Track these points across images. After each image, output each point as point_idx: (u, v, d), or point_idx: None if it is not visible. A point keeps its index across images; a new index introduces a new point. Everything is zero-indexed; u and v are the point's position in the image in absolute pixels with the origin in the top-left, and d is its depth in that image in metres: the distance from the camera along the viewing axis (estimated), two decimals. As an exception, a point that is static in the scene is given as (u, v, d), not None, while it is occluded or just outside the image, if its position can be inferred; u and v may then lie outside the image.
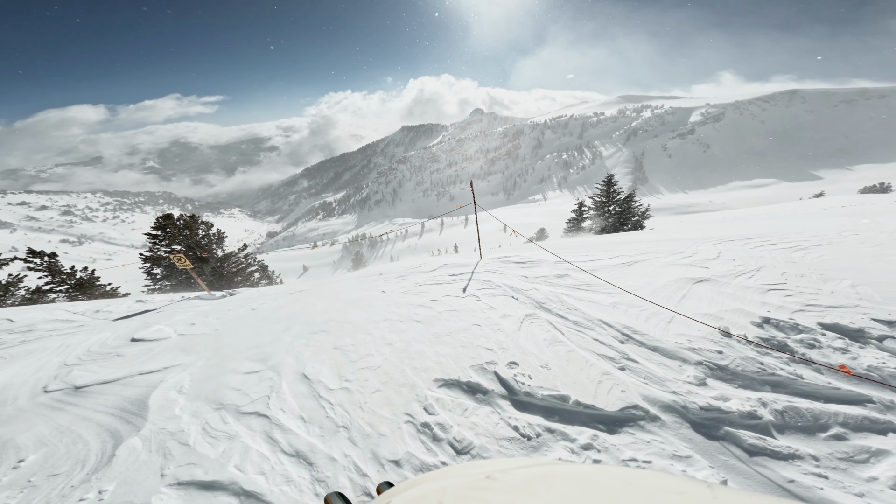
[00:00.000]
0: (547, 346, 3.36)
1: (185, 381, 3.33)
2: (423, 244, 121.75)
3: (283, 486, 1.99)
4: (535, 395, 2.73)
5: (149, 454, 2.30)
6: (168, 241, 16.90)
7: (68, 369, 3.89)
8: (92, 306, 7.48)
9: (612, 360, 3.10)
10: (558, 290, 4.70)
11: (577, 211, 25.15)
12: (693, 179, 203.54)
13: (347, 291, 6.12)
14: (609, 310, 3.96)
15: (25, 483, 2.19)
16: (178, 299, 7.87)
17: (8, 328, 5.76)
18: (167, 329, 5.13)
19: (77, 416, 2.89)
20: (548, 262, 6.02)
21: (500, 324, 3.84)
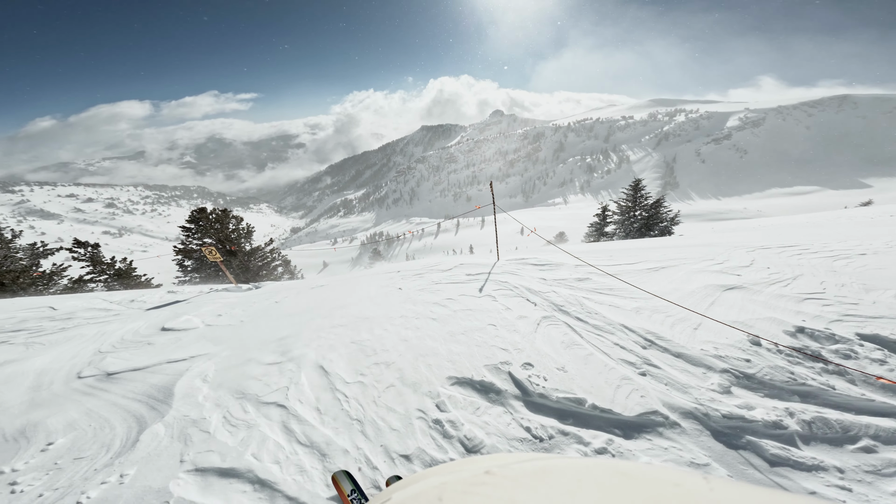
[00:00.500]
0: (564, 349, 3.32)
1: (209, 370, 3.45)
2: (438, 244, 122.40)
3: (297, 475, 2.04)
4: (550, 396, 2.70)
5: (170, 440, 2.39)
6: (200, 234, 17.64)
7: (102, 356, 4.10)
8: (127, 296, 7.88)
9: (633, 366, 3.04)
10: (578, 293, 4.63)
11: (601, 215, 24.60)
12: (728, 186, 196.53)
13: (365, 287, 6.21)
14: (632, 315, 3.88)
15: (52, 465, 2.29)
16: (206, 291, 8.19)
17: (49, 315, 6.13)
18: (195, 319, 5.34)
19: (106, 402, 3.02)
20: (568, 266, 5.93)
21: (516, 325, 3.82)
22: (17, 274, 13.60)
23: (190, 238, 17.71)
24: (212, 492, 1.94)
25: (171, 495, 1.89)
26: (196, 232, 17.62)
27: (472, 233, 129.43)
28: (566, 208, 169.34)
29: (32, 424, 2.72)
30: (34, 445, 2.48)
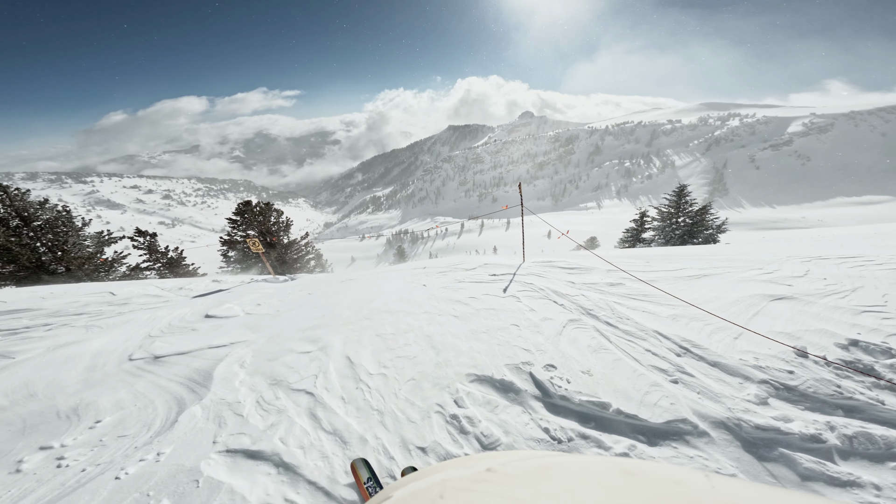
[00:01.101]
0: (590, 353, 3.27)
1: (247, 356, 3.66)
2: (461, 244, 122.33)
3: (319, 461, 2.14)
4: (572, 399, 2.67)
5: (206, 422, 2.55)
6: (245, 226, 18.62)
7: (151, 340, 4.42)
8: (177, 284, 8.46)
9: (665, 373, 2.96)
10: (609, 298, 4.53)
11: (638, 221, 23.67)
12: (785, 193, 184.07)
13: (391, 283, 6.34)
14: (668, 322, 3.77)
15: (97, 442, 2.44)
16: (247, 281, 8.66)
17: (108, 300, 6.68)
18: (236, 308, 5.66)
19: (151, 384, 3.24)
20: (599, 270, 5.80)
21: (540, 326, 3.79)
22: (83, 260, 14.90)
23: (235, 229, 18.75)
24: (239, 473, 2.06)
25: (201, 474, 2.03)
26: (241, 224, 18.63)
27: (497, 234, 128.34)
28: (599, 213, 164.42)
29: (85, 403, 2.93)
30: (84, 423, 2.67)
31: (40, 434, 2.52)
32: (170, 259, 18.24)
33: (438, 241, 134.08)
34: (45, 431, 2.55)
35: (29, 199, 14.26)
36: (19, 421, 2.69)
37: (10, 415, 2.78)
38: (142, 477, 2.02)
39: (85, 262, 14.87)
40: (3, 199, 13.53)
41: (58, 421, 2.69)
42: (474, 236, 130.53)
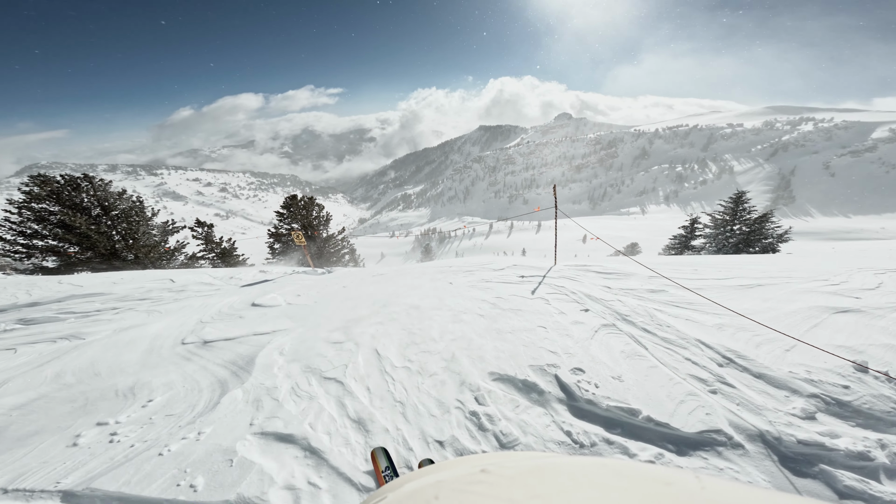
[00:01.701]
0: (623, 359, 3.19)
1: (286, 344, 3.90)
2: (488, 245, 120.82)
3: (342, 447, 2.26)
4: (599, 404, 2.62)
5: (245, 405, 2.75)
6: (290, 219, 19.58)
7: (202, 326, 4.79)
8: (227, 273, 9.10)
9: (704, 382, 2.85)
10: (649, 304, 4.37)
11: (688, 227, 22.50)
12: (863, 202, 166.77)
13: (419, 280, 6.46)
14: (712, 331, 3.61)
15: (147, 420, 2.63)
16: (289, 272, 9.14)
17: (168, 287, 7.30)
18: (279, 297, 6.01)
19: (200, 367, 3.50)
20: (639, 276, 5.58)
21: (570, 330, 3.74)
22: (150, 248, 16.30)
23: (282, 222, 19.77)
24: (270, 454, 2.22)
25: (235, 454, 2.19)
26: (287, 217, 19.61)
27: (527, 236, 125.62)
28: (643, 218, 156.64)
29: (140, 383, 3.20)
30: (138, 401, 2.91)
31: (99, 411, 2.79)
32: (223, 249, 19.57)
33: (465, 241, 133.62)
34: (104, 408, 2.82)
35: (109, 190, 15.45)
36: (82, 398, 2.99)
37: (75, 392, 3.09)
38: (182, 454, 2.20)
39: (151, 251, 16.25)
40: (89, 189, 14.72)
41: (115, 399, 2.96)
42: (502, 238, 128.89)
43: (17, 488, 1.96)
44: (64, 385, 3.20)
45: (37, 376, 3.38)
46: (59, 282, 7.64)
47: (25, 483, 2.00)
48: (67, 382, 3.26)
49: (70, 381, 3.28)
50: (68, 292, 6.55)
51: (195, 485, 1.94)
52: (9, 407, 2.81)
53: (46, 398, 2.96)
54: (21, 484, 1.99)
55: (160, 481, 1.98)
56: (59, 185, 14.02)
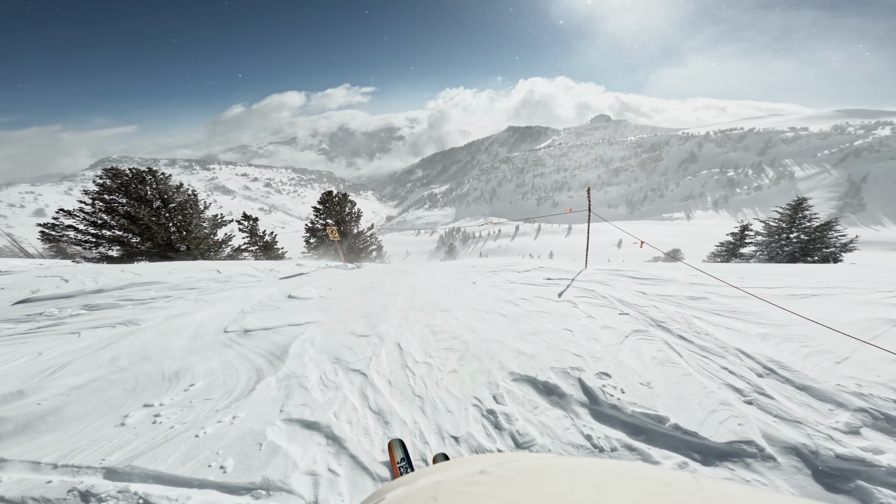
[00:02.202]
0: (655, 366, 3.09)
1: (317, 335, 4.08)
2: (514, 246, 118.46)
3: (362, 437, 2.35)
4: (624, 409, 2.57)
5: (277, 392, 2.91)
6: (325, 215, 20.25)
7: (243, 315, 5.09)
8: (268, 266, 9.58)
9: (740, 392, 2.72)
10: (687, 311, 4.19)
11: (738, 234, 21.13)
12: None
13: (442, 278, 6.53)
14: (755, 340, 3.43)
15: (187, 403, 2.80)
16: (323, 266, 9.50)
17: (215, 277, 7.80)
18: (313, 291, 6.27)
19: (239, 354, 3.73)
20: (679, 283, 5.33)
21: (598, 334, 3.66)
22: (200, 240, 17.41)
23: (318, 217, 20.49)
24: (295, 440, 2.35)
25: (264, 438, 2.34)
26: (322, 213, 20.31)
27: (555, 239, 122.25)
28: (687, 224, 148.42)
29: (185, 368, 3.43)
30: (181, 385, 3.12)
31: (146, 393, 3.03)
32: (265, 243, 20.60)
33: (490, 241, 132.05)
34: (151, 391, 3.06)
35: (168, 183, 16.29)
36: (133, 380, 3.25)
37: (127, 374, 3.37)
38: (216, 437, 2.37)
39: (201, 243, 17.36)
40: (152, 182, 15.63)
41: (162, 382, 3.20)
42: (528, 240, 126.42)
43: (66, 464, 2.16)
44: (118, 368, 3.51)
45: (96, 359, 3.73)
46: (122, 270, 8.37)
47: (74, 459, 2.20)
48: (122, 365, 3.57)
49: (124, 365, 3.59)
50: (129, 280, 7.16)
51: (225, 466, 2.09)
52: (68, 387, 3.12)
53: (102, 380, 3.25)
54: (70, 460, 2.19)
55: (194, 462, 2.14)
56: (127, 178, 14.93)
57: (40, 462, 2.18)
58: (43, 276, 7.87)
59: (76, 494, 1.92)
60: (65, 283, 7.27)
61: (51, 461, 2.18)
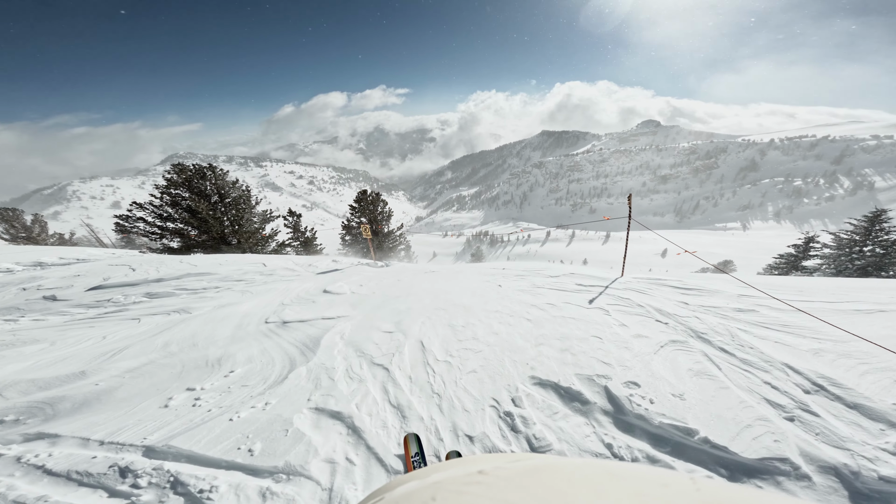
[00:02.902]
0: (690, 377, 2.97)
1: (346, 329, 4.25)
2: (544, 252, 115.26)
3: (380, 429, 2.44)
4: (650, 420, 2.49)
5: (307, 381, 3.07)
6: (360, 213, 20.84)
7: (283, 307, 5.38)
8: (307, 261, 10.03)
9: (781, 408, 2.58)
10: (733, 323, 3.97)
11: (802, 247, 19.61)
12: None
13: (468, 279, 6.54)
14: (806, 356, 3.21)
15: (225, 389, 2.97)
16: (355, 263, 9.81)
17: (260, 270, 8.27)
18: (345, 286, 6.51)
19: (276, 344, 3.95)
20: (727, 294, 5.03)
21: (630, 343, 3.54)
22: (250, 234, 18.46)
23: (353, 215, 21.12)
24: (319, 429, 2.47)
25: (291, 425, 2.47)
26: (357, 211, 20.92)
27: (590, 246, 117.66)
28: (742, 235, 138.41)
29: (227, 355, 3.67)
30: (222, 371, 3.34)
31: (191, 377, 3.27)
32: (305, 238, 21.55)
33: (518, 246, 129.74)
34: (195, 376, 3.30)
35: (226, 179, 17.26)
36: (180, 365, 3.53)
37: (175, 360, 3.66)
38: (248, 421, 2.54)
39: (251, 237, 18.43)
40: (211, 177, 16.64)
41: (205, 368, 3.44)
42: (561, 246, 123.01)
43: (111, 441, 2.38)
44: (169, 353, 3.84)
45: (150, 344, 4.11)
46: (180, 261, 9.10)
47: (119, 437, 2.42)
48: (172, 351, 3.90)
49: (174, 350, 3.92)
50: (185, 271, 7.77)
51: (253, 450, 2.24)
52: (123, 370, 3.45)
53: (153, 364, 3.58)
54: (116, 437, 2.41)
55: (225, 444, 2.31)
56: (190, 173, 16.01)
57: (89, 438, 2.41)
58: (114, 265, 8.73)
59: (116, 470, 2.12)
60: (132, 271, 8.02)
61: (98, 438, 2.41)
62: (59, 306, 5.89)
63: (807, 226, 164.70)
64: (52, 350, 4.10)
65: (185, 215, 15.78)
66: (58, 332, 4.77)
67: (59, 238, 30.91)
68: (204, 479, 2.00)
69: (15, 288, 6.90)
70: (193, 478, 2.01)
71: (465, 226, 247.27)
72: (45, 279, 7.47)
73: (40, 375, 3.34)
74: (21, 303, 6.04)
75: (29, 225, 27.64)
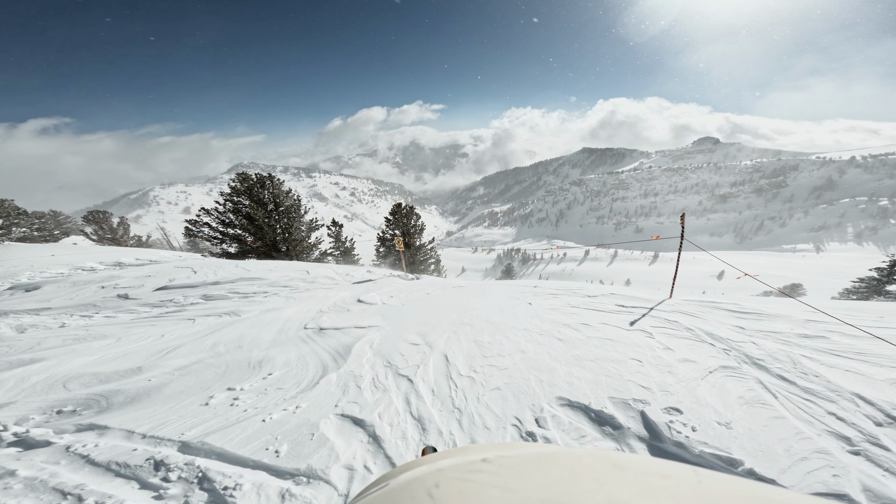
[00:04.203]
0: (740, 406, 2.73)
1: (376, 339, 4.35)
2: (581, 271, 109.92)
3: (399, 440, 2.46)
4: (690, 448, 2.32)
5: (336, 387, 3.16)
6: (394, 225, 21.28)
7: (321, 314, 5.60)
8: (345, 270, 10.39)
9: (846, 441, 2.32)
10: (796, 350, 3.62)
11: (886, 270, 17.71)
12: None
13: (497, 296, 6.46)
14: (881, 386, 2.88)
15: (262, 390, 3.10)
16: (388, 275, 9.98)
17: (304, 278, 8.67)
18: (377, 297, 6.67)
19: (311, 350, 4.10)
20: (791, 319, 4.58)
21: (675, 367, 3.32)
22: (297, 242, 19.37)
23: (388, 227, 21.60)
24: (342, 434, 2.53)
25: (316, 429, 2.56)
26: (392, 223, 21.37)
27: (635, 267, 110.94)
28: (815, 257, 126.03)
29: (268, 358, 3.85)
30: (261, 374, 3.43)
31: (233, 378, 3.46)
32: (345, 248, 22.33)
33: (552, 264, 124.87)
34: (236, 376, 3.48)
35: (281, 188, 18.11)
36: (224, 365, 3.76)
37: (221, 360, 3.90)
38: (279, 423, 2.65)
39: (298, 245, 19.37)
40: (269, 186, 17.58)
41: (247, 369, 3.62)
42: (601, 266, 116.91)
43: (153, 435, 2.55)
44: (216, 353, 4.11)
45: (201, 343, 4.43)
46: (236, 265, 9.79)
47: (160, 432, 2.58)
48: (219, 352, 4.17)
49: (221, 351, 4.19)
50: (239, 275, 8.34)
51: (280, 451, 2.34)
52: (174, 367, 3.73)
53: (202, 363, 3.84)
54: (157, 432, 2.58)
55: (255, 443, 2.43)
56: (252, 182, 17.05)
57: (133, 431, 2.60)
58: (179, 267, 9.57)
59: (151, 463, 2.27)
60: (193, 274, 8.74)
61: (142, 431, 2.59)
62: (130, 304, 6.52)
63: (893, 248, 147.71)
64: (117, 346, 4.53)
65: (244, 222, 16.84)
66: (125, 328, 5.28)
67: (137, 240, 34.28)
68: (230, 477, 2.10)
69: (95, 286, 7.75)
70: (220, 475, 2.12)
71: (497, 242, 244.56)
72: (121, 278, 8.34)
73: (102, 369, 3.71)
74: (98, 300, 6.77)
75: (115, 227, 30.95)
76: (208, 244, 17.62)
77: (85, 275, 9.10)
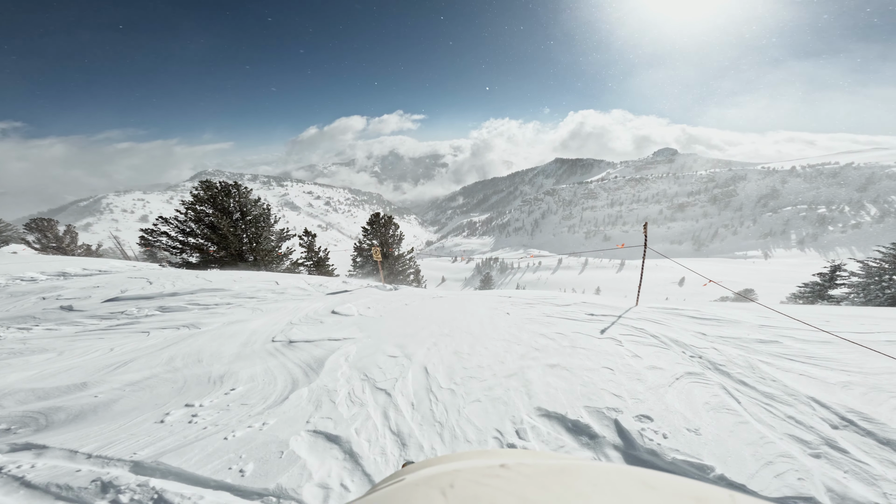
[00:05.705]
0: (706, 411, 2.83)
1: (352, 351, 4.21)
2: (554, 280, 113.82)
3: (378, 456, 2.36)
4: (663, 456, 2.37)
5: (307, 403, 3.01)
6: (371, 235, 21.04)
7: (291, 326, 5.37)
8: (318, 281, 10.09)
9: (806, 444, 2.44)
10: (754, 356, 3.83)
11: (828, 275, 19.16)
12: None
13: (475, 306, 6.47)
14: (834, 389, 3.07)
15: (224, 406, 2.91)
16: (364, 286, 9.80)
17: (272, 288, 8.34)
18: (353, 308, 6.50)
19: (280, 363, 3.90)
20: (747, 324, 4.87)
21: (643, 374, 3.42)
22: (266, 252, 18.67)
23: (365, 237, 21.33)
24: (315, 452, 2.40)
25: (286, 446, 2.41)
26: (369, 233, 21.13)
27: (604, 275, 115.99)
28: (764, 263, 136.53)
29: (230, 373, 3.64)
30: (223, 389, 3.30)
31: (191, 393, 3.24)
32: (318, 258, 21.75)
33: (528, 273, 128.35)
34: (195, 392, 3.26)
35: (249, 197, 17.46)
36: (182, 380, 3.51)
37: (178, 375, 3.65)
38: (243, 440, 2.48)
39: (267, 255, 18.66)
40: (235, 195, 16.87)
41: (207, 384, 3.41)
42: (573, 274, 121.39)
43: (99, 455, 2.33)
44: (172, 368, 3.84)
45: (155, 358, 4.12)
46: (196, 276, 9.27)
47: (108, 451, 2.36)
48: (175, 366, 3.90)
49: (178, 365, 3.92)
50: (200, 286, 7.90)
51: (244, 470, 2.18)
52: (125, 383, 3.45)
53: (156, 378, 3.57)
54: (105, 451, 2.36)
55: (216, 462, 2.25)
56: (216, 190, 16.34)
57: (77, 451, 2.37)
58: (133, 278, 8.95)
59: (98, 485, 2.06)
60: (149, 284, 8.20)
61: (87, 451, 2.36)
62: (74, 317, 6.01)
63: (832, 254, 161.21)
64: (59, 360, 4.15)
65: (207, 231, 16.12)
66: (67, 342, 4.84)
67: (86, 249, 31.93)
68: (189, 499, 1.94)
69: (35, 297, 7.10)
70: (178, 496, 1.95)
71: (476, 251, 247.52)
72: (65, 289, 7.68)
73: (41, 385, 3.37)
74: (38, 312, 6.19)
75: (61, 236, 28.67)
76: (167, 254, 16.65)
77: (24, 285, 8.34)
